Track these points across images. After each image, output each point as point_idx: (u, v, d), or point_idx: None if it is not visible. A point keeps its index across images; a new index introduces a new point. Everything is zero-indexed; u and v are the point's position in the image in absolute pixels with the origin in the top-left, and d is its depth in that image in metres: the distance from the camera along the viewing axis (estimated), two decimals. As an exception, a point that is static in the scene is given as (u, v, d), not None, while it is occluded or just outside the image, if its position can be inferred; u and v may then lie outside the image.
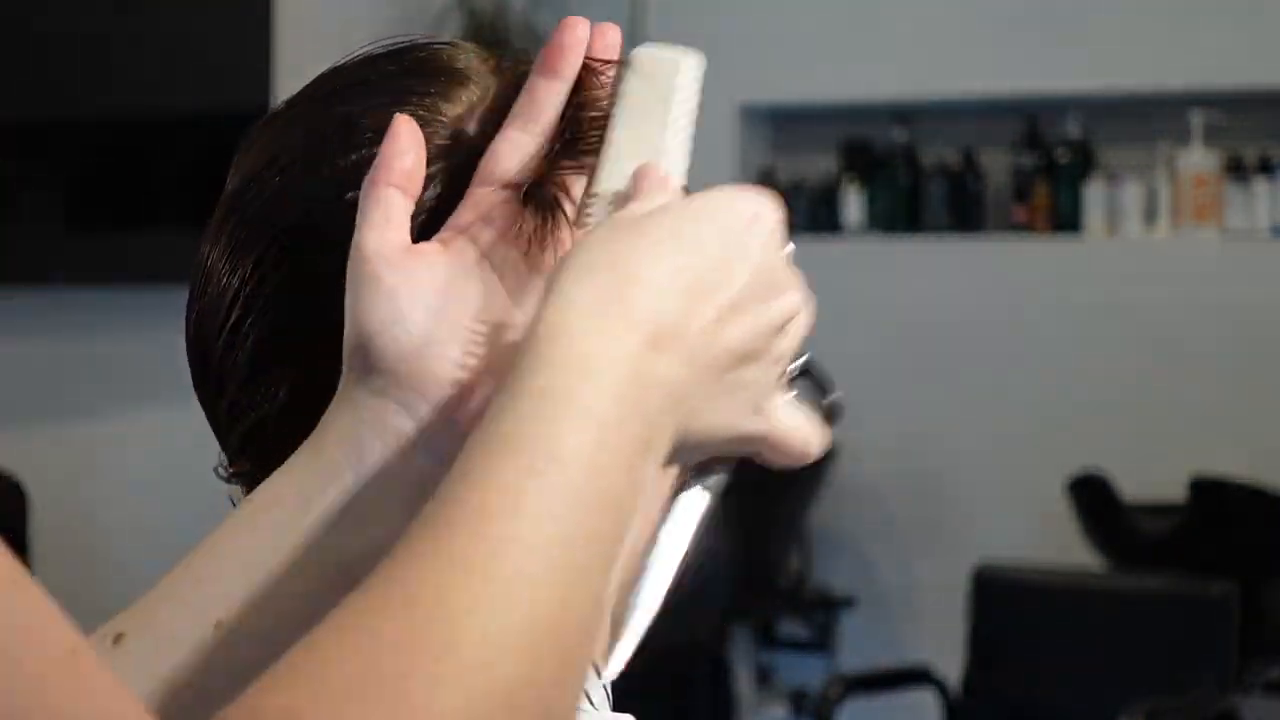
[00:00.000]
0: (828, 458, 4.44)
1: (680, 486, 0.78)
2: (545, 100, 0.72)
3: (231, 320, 0.73)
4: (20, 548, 3.25)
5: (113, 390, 3.67)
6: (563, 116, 0.72)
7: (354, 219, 0.70)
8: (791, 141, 4.83)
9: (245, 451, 0.74)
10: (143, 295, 3.54)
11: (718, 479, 0.75)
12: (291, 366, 0.72)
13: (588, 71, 0.73)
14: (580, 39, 0.73)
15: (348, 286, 0.69)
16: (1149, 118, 4.43)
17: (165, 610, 0.68)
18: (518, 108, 0.72)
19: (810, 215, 4.72)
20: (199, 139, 3.65)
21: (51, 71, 3.48)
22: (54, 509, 3.43)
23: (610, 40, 0.74)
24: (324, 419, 0.69)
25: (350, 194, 0.71)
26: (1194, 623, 3.40)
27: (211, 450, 0.77)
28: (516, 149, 0.71)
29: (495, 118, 0.73)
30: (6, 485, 3.27)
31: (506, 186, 0.71)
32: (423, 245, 0.70)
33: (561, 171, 0.72)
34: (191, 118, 3.72)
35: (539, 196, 0.71)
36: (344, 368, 0.69)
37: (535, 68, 0.72)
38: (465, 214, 0.71)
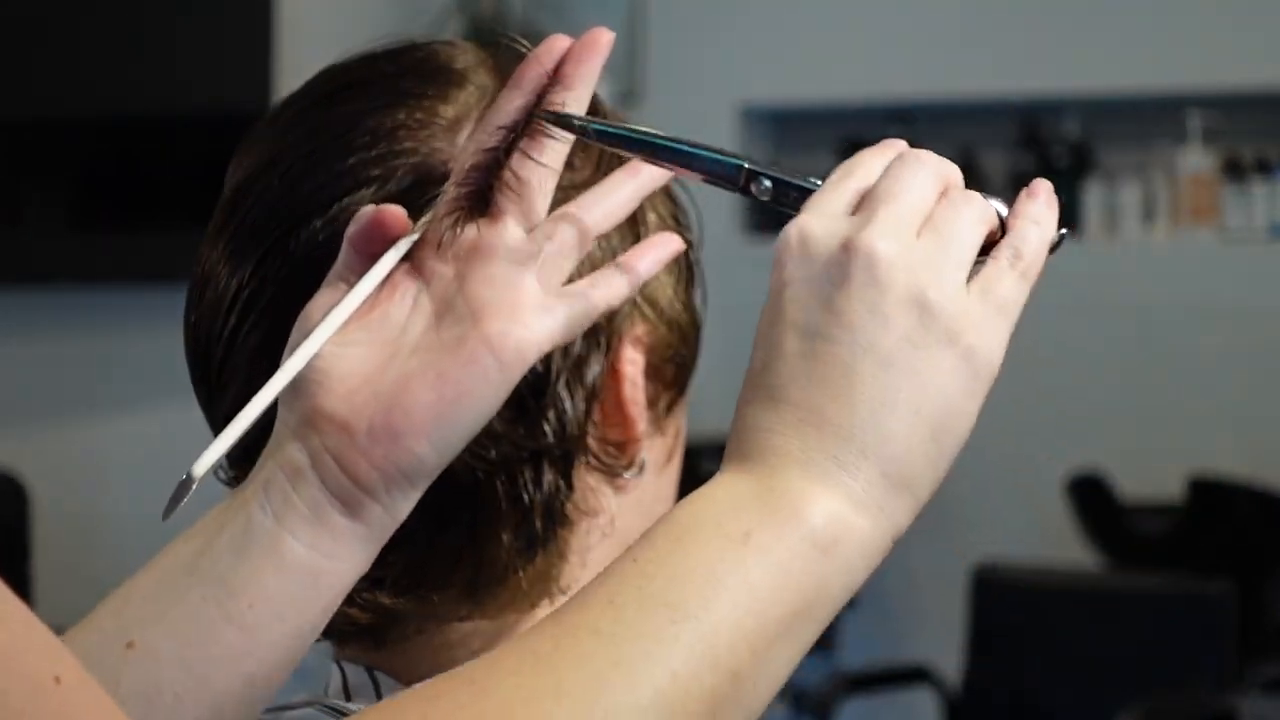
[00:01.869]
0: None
1: None
2: (502, 111, 0.70)
3: (231, 324, 0.73)
4: (20, 547, 3.25)
5: (113, 390, 3.67)
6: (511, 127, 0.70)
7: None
8: (791, 141, 4.83)
9: (246, 455, 0.73)
10: (144, 295, 3.54)
11: None
12: (292, 370, 0.71)
13: (550, 85, 0.70)
14: (554, 50, 0.71)
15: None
16: (1147, 119, 4.43)
17: (88, 633, 0.68)
18: (481, 120, 0.71)
19: (810, 215, 4.73)
20: (199, 139, 3.66)
21: (53, 72, 3.49)
22: (54, 508, 3.43)
23: (597, 40, 0.71)
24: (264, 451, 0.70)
25: (348, 198, 0.72)
26: (1192, 622, 3.40)
27: (212, 450, 0.77)
28: (460, 157, 0.70)
29: None
30: (7, 484, 3.27)
31: (449, 187, 0.70)
32: None
33: (505, 182, 0.69)
34: (191, 118, 3.72)
35: (482, 201, 0.69)
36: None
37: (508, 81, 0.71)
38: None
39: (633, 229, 0.75)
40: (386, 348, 0.68)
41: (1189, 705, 3.34)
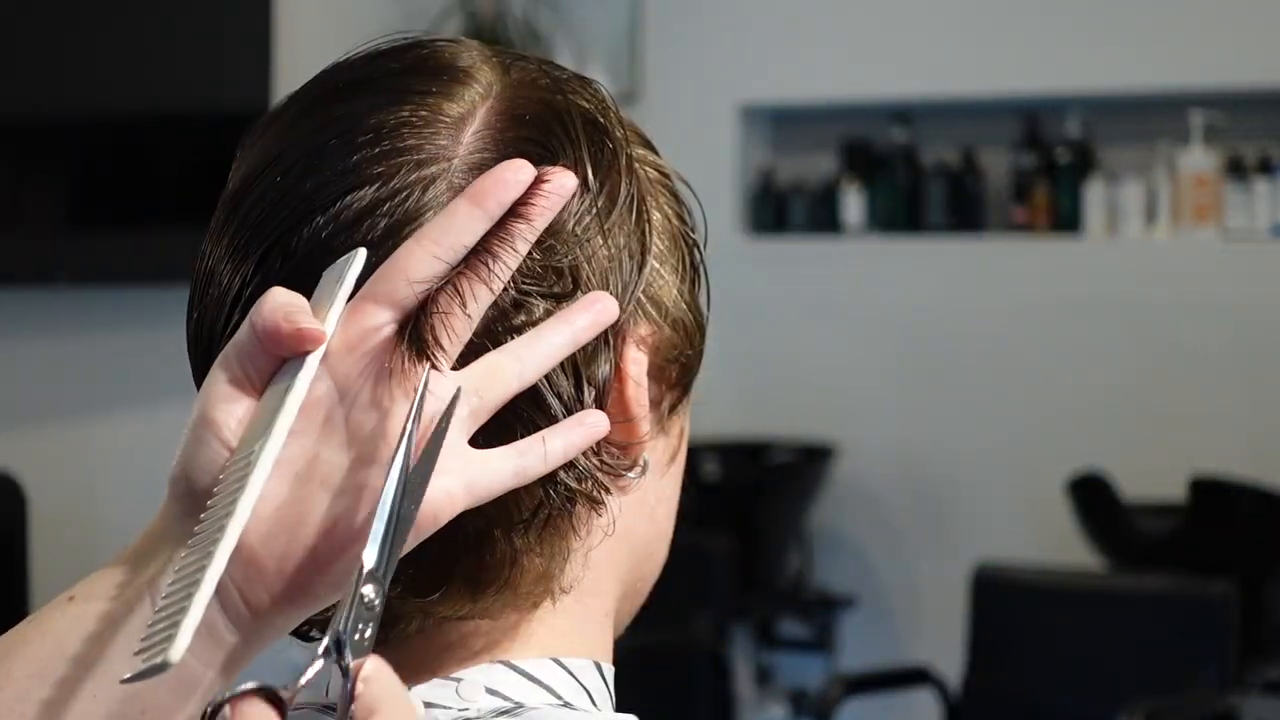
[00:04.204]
0: (828, 457, 4.44)
1: None
2: (462, 229, 0.68)
3: (233, 322, 0.72)
4: (18, 548, 3.24)
5: (113, 390, 3.67)
6: (473, 252, 0.68)
7: (356, 221, 0.70)
8: (791, 141, 4.83)
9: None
10: (143, 295, 3.54)
11: None
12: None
13: (513, 214, 0.69)
14: (520, 181, 0.69)
15: (194, 414, 0.68)
16: (1149, 118, 4.43)
17: None
18: (430, 227, 0.68)
19: (810, 215, 4.72)
20: (199, 139, 3.66)
21: (52, 72, 3.48)
22: (54, 509, 3.43)
23: (563, 183, 0.70)
24: (148, 532, 0.70)
25: (350, 196, 0.71)
26: (1194, 623, 3.40)
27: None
28: (408, 272, 0.68)
29: (498, 118, 0.72)
30: (5, 484, 3.27)
31: (386, 308, 0.68)
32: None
33: (444, 312, 0.68)
34: (191, 118, 3.72)
35: (414, 331, 0.68)
36: (168, 490, 0.69)
37: (465, 192, 0.69)
38: (334, 338, 0.68)
39: (639, 226, 0.75)
40: (299, 474, 0.67)
41: (1190, 706, 3.34)
